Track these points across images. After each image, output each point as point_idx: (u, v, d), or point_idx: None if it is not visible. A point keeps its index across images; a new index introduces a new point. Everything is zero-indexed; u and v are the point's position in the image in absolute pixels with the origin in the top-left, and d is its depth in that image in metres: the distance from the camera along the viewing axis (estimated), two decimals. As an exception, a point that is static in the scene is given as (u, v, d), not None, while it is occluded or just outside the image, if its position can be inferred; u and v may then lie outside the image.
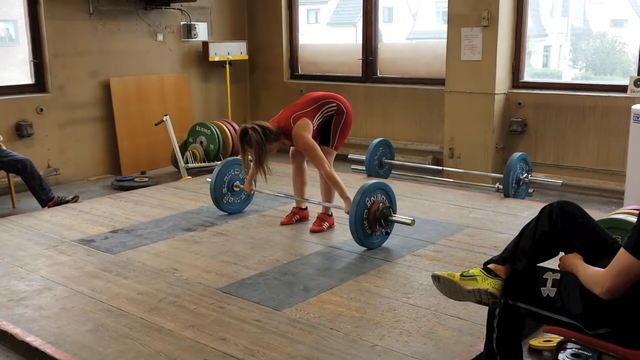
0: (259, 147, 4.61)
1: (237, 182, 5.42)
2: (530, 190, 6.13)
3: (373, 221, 4.50)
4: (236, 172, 5.44)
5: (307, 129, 4.73)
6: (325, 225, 5.01)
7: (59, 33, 7.03)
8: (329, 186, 4.93)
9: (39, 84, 7.07)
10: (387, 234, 4.62)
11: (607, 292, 2.26)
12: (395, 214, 4.62)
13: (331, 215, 5.08)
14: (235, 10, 8.83)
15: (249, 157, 4.77)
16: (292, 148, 5.05)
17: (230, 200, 5.47)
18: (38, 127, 6.93)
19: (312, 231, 4.95)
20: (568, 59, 7.99)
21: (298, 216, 5.22)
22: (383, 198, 4.58)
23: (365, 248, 4.51)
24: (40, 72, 7.05)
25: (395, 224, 4.60)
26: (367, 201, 4.48)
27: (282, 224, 5.16)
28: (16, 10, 7.05)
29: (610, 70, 7.54)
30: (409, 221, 4.48)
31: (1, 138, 6.07)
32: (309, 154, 4.75)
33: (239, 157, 5.13)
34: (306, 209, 5.27)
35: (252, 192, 5.42)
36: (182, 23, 8.14)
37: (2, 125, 6.56)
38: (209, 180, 5.44)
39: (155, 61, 7.98)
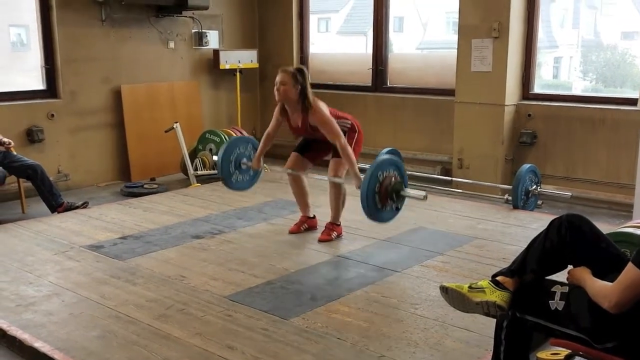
0: (294, 78, 4.88)
1: (245, 160, 5.37)
2: (540, 202, 6.12)
3: (385, 195, 4.47)
4: (241, 151, 5.38)
5: (327, 111, 4.89)
6: (334, 234, 5.01)
7: (70, 39, 7.08)
8: (338, 196, 4.96)
9: (51, 90, 7.11)
10: (397, 209, 4.58)
11: (615, 306, 2.26)
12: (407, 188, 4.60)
13: (340, 224, 5.09)
14: (246, 18, 8.87)
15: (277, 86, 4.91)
16: (290, 174, 5.13)
17: (239, 178, 5.41)
18: (49, 133, 6.97)
19: (321, 240, 4.95)
20: (578, 70, 7.97)
21: (306, 225, 5.23)
22: (395, 174, 4.55)
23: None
24: (52, 78, 7.09)
25: (406, 199, 4.57)
26: (380, 175, 4.45)
27: (291, 232, 5.17)
28: (28, 15, 7.10)
29: (620, 83, 7.52)
30: (421, 196, 4.45)
31: (12, 143, 6.08)
32: (327, 127, 4.79)
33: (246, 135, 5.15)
34: (314, 217, 5.28)
35: (260, 169, 5.42)
36: (193, 31, 8.18)
37: (13, 131, 6.59)
38: (216, 157, 5.41)
39: (166, 68, 8.02)
